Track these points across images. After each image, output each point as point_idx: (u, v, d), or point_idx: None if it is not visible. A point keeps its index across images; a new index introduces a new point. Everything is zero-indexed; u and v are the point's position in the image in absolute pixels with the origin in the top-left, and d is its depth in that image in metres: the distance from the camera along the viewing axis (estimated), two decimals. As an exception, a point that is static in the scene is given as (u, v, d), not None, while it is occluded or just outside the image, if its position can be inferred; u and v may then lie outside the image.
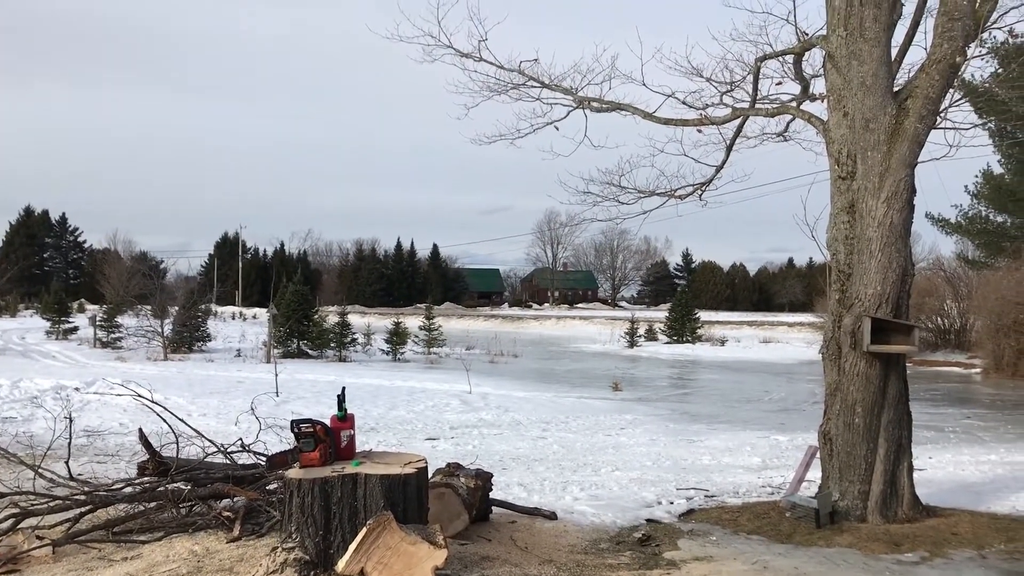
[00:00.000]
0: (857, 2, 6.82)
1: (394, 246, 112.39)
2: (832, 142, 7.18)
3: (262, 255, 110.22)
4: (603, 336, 49.16)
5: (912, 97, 6.75)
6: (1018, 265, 29.03)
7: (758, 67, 8.24)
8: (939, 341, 35.19)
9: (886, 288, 6.78)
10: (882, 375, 6.94)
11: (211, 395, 16.75)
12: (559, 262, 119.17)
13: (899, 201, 6.72)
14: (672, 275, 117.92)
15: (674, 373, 29.77)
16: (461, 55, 8.74)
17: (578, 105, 8.64)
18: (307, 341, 32.86)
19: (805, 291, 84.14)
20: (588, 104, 8.59)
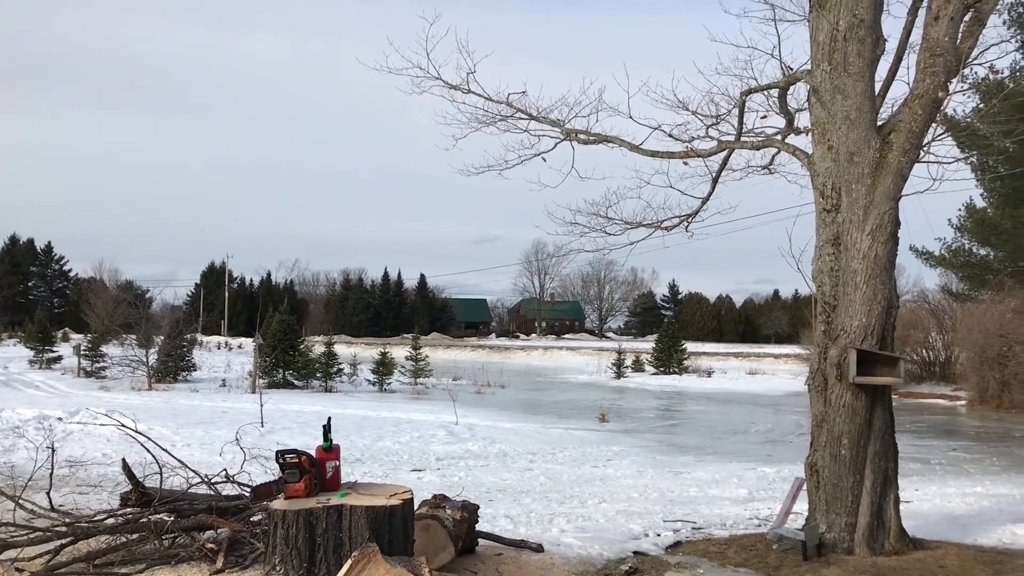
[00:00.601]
0: (841, 37, 6.92)
1: (381, 276, 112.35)
2: (817, 175, 7.25)
3: (248, 285, 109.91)
4: (590, 367, 49.14)
5: (896, 131, 6.83)
6: (1001, 298, 29.24)
7: (743, 101, 8.33)
8: (924, 373, 35.32)
9: (871, 320, 6.82)
10: (868, 407, 6.95)
11: (196, 425, 16.61)
12: (546, 292, 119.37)
13: (883, 234, 6.78)
14: (659, 306, 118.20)
15: (661, 404, 29.75)
16: (450, 87, 8.80)
17: (565, 137, 8.70)
18: (293, 371, 32.69)
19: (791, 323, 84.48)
20: (575, 136, 8.65)
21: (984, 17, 7.09)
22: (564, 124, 8.67)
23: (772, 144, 8.22)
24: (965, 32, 6.94)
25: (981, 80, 22.08)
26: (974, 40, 7.03)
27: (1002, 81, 21.06)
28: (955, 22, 6.68)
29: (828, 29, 7.05)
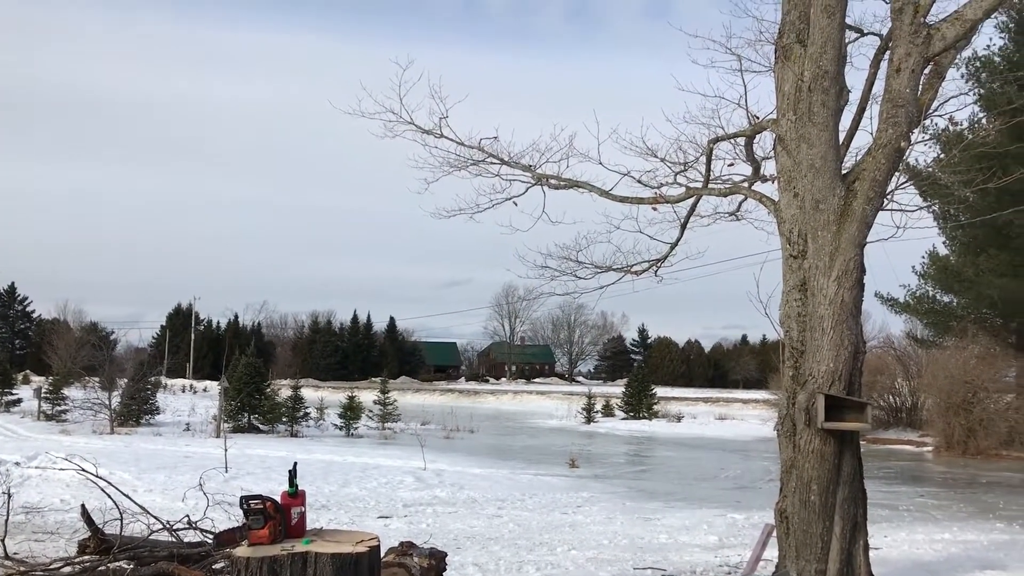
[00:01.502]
0: (806, 88, 7.05)
1: (350, 319, 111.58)
2: (783, 222, 7.34)
3: (215, 327, 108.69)
4: (560, 411, 48.97)
5: (860, 179, 6.95)
6: (965, 345, 29.62)
7: (711, 148, 8.46)
8: (891, 419, 35.59)
9: (839, 365, 6.87)
10: (837, 452, 6.97)
11: (158, 470, 16.31)
12: (517, 336, 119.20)
13: (849, 280, 6.86)
14: (629, 350, 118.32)
15: (631, 450, 29.68)
16: (422, 131, 8.86)
17: (536, 182, 8.77)
18: (258, 415, 32.24)
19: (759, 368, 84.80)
20: (546, 181, 8.72)
21: (943, 70, 7.28)
22: (535, 169, 8.74)
23: (739, 191, 8.34)
24: (925, 85, 7.11)
25: (941, 131, 22.55)
26: (934, 92, 7.21)
27: (961, 132, 21.53)
28: (916, 75, 6.84)
29: (793, 80, 7.20)
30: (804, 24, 7.17)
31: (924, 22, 6.89)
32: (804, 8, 7.18)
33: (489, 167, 8.86)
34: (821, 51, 6.96)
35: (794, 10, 7.28)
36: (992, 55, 28.62)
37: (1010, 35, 28.57)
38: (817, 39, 6.99)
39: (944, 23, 6.90)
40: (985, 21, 7.08)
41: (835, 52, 6.98)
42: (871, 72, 7.89)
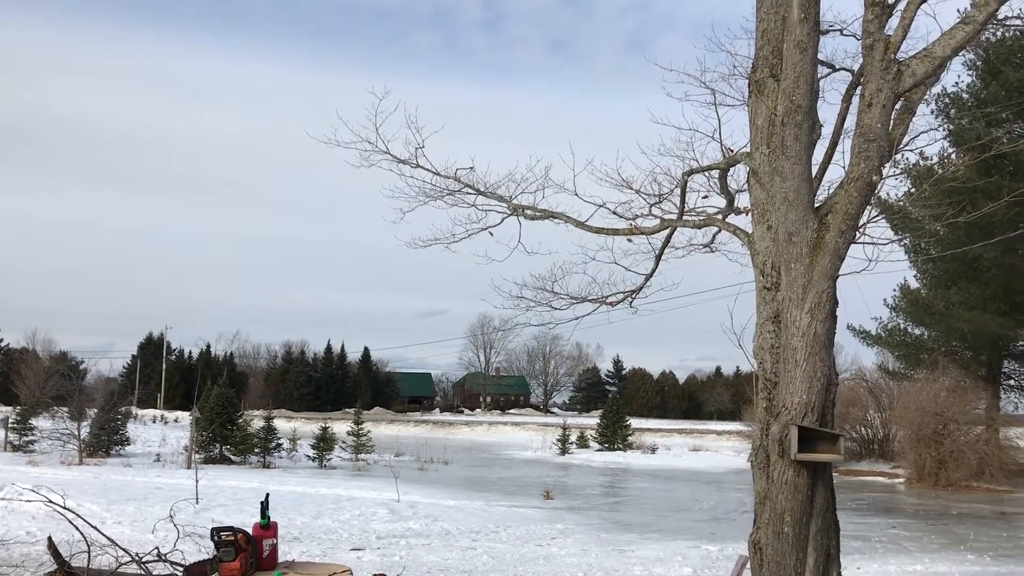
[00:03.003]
0: (779, 122, 7.15)
1: (324, 349, 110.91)
2: (757, 254, 7.40)
3: (187, 357, 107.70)
4: (535, 443, 48.81)
5: (832, 213, 7.03)
6: (936, 377, 29.90)
7: (685, 181, 8.53)
8: (863, 451, 35.76)
9: (811, 397, 6.90)
10: (810, 484, 6.99)
11: (127, 501, 16.05)
12: (492, 366, 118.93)
13: (822, 312, 6.91)
14: (604, 381, 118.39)
15: (606, 481, 29.60)
16: (398, 161, 8.87)
17: (512, 212, 8.79)
18: (230, 446, 31.87)
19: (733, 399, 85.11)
20: (522, 211, 8.75)
21: (914, 106, 7.40)
22: (511, 199, 8.77)
23: (713, 223, 8.40)
24: (896, 119, 7.23)
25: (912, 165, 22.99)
26: (905, 127, 7.33)
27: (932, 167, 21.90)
28: (887, 109, 6.95)
29: (767, 114, 7.29)
30: (777, 59, 7.28)
31: (894, 58, 7.02)
32: (777, 44, 7.29)
33: (465, 197, 8.88)
34: (794, 86, 7.06)
35: (767, 45, 7.40)
36: (961, 92, 29.20)
37: (978, 72, 29.17)
38: (790, 74, 7.09)
39: (914, 60, 7.03)
40: (954, 59, 7.22)
41: (808, 87, 7.09)
42: (843, 107, 8.02)
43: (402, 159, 8.84)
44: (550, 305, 9.02)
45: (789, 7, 7.13)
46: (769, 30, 7.39)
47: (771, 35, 7.37)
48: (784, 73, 7.15)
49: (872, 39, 7.10)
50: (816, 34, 7.23)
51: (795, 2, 7.07)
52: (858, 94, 7.42)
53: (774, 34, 7.34)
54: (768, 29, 7.40)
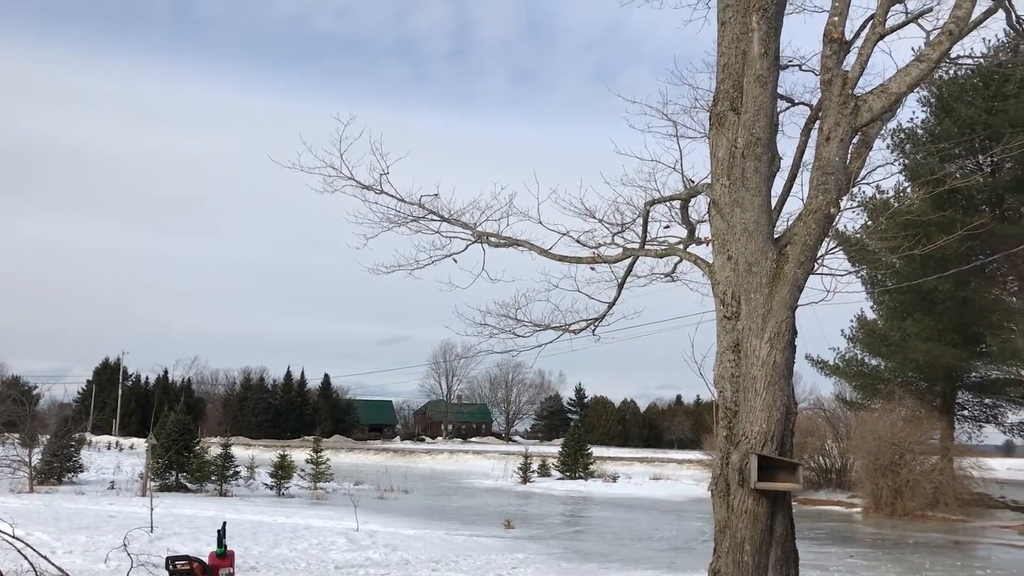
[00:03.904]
0: (739, 154, 7.26)
1: (283, 375, 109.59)
2: (717, 283, 7.49)
3: (144, 382, 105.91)
4: (496, 471, 48.57)
5: (791, 244, 7.13)
6: (892, 407, 30.29)
7: (647, 210, 8.63)
8: (821, 480, 36.04)
9: (771, 426, 6.96)
10: (769, 513, 7.03)
11: (79, 530, 15.69)
12: (454, 394, 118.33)
13: (781, 341, 7.00)
14: (566, 409, 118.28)
15: (567, 510, 29.52)
16: (362, 187, 8.86)
17: (477, 239, 8.82)
18: (187, 473, 31.34)
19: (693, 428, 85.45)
20: (486, 239, 8.78)
21: (870, 140, 7.57)
22: (475, 227, 8.80)
23: (675, 253, 8.49)
24: (854, 154, 7.39)
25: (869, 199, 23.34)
26: (862, 161, 7.49)
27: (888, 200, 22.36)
28: (844, 143, 7.10)
29: (727, 146, 7.41)
30: (738, 93, 7.41)
31: (852, 94, 7.18)
32: (738, 78, 7.43)
33: (429, 224, 8.89)
34: (754, 119, 7.18)
35: (728, 79, 7.53)
36: (915, 128, 29.88)
37: (931, 109, 29.89)
38: (750, 107, 7.22)
39: (871, 95, 7.20)
40: (909, 95, 7.40)
41: (767, 120, 7.22)
42: (802, 140, 8.17)
43: (366, 185, 8.84)
44: (513, 332, 9.04)
45: (750, 42, 7.28)
46: (730, 64, 7.53)
47: (732, 69, 7.51)
48: (744, 106, 7.28)
49: (830, 75, 7.26)
50: (776, 69, 7.38)
51: (755, 37, 7.22)
52: (816, 128, 7.58)
53: (735, 68, 7.48)
54: (729, 63, 7.54)
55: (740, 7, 7.46)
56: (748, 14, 7.33)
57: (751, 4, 7.30)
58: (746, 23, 7.36)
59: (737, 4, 7.50)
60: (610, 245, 8.90)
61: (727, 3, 7.60)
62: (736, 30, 7.48)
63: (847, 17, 7.43)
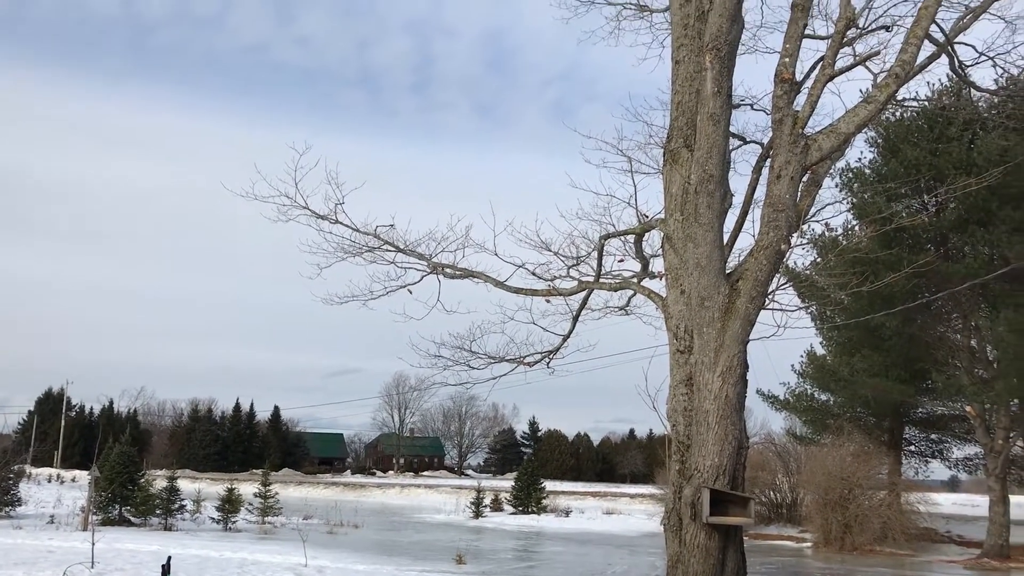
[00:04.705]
0: (692, 191, 7.37)
1: (232, 407, 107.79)
2: (671, 317, 7.55)
3: (88, 413, 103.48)
4: (448, 506, 48.09)
5: (743, 279, 7.23)
6: (841, 442, 30.62)
7: (602, 244, 8.71)
8: (772, 515, 36.21)
9: (723, 460, 7.01)
10: (721, 547, 7.05)
11: (16, 566, 15.18)
12: (406, 427, 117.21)
13: (733, 376, 7.06)
14: (519, 443, 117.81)
15: (519, 545, 29.29)
16: (317, 216, 8.83)
17: (432, 271, 8.81)
18: (131, 507, 30.54)
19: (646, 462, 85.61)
20: (442, 270, 8.78)
21: (820, 178, 7.74)
22: (431, 258, 8.80)
23: (629, 286, 8.57)
24: (803, 191, 7.54)
25: (818, 236, 23.83)
26: (812, 199, 7.65)
27: (836, 238, 22.80)
28: (795, 181, 7.25)
29: (680, 182, 7.52)
30: (691, 130, 7.54)
31: (802, 133, 7.34)
32: (691, 115, 7.56)
33: (384, 254, 8.88)
34: (707, 156, 7.31)
35: (682, 116, 7.66)
36: (863, 167, 30.50)
37: (878, 149, 30.56)
38: (703, 145, 7.34)
39: (820, 135, 7.36)
40: (857, 135, 7.59)
41: (720, 158, 7.35)
42: (753, 178, 8.33)
43: (321, 215, 8.81)
44: (468, 364, 9.03)
45: (703, 81, 7.41)
46: (684, 102, 7.66)
47: (686, 107, 7.64)
48: (698, 144, 7.40)
49: (781, 114, 7.42)
50: (728, 107, 7.52)
51: (709, 76, 7.35)
52: (767, 166, 7.73)
53: (688, 106, 7.62)
54: (683, 101, 7.67)
55: (694, 47, 7.62)
56: (702, 53, 7.48)
57: (704, 44, 7.45)
58: (700, 62, 7.51)
59: (691, 44, 7.65)
60: (565, 278, 8.96)
61: (681, 43, 7.76)
62: (690, 69, 7.63)
63: (798, 58, 7.62)
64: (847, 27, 7.91)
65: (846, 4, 7.86)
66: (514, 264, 8.87)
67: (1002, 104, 13.81)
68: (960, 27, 8.34)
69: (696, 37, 7.64)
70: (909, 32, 7.51)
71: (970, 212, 26.54)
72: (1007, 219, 25.24)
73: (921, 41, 7.50)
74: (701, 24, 7.62)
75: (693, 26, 7.68)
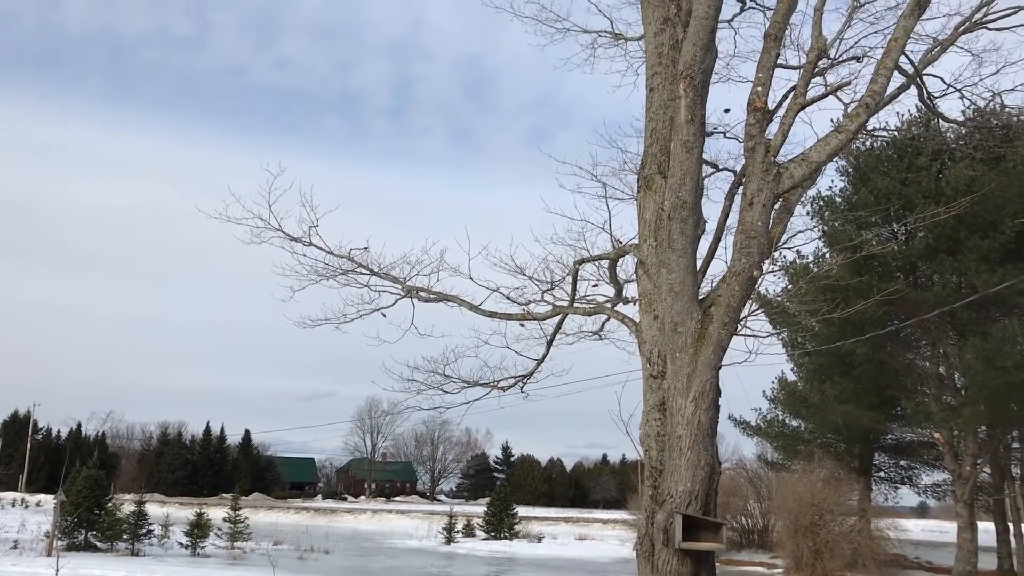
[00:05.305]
0: (666, 217, 7.42)
1: (203, 430, 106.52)
2: (644, 342, 7.58)
3: (55, 436, 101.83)
4: (420, 531, 47.74)
5: (716, 305, 7.28)
6: (812, 468, 30.78)
7: (576, 269, 8.74)
8: (744, 541, 36.26)
9: (695, 485, 7.01)
10: (693, 573, 7.04)
11: (-24, 592, 14.90)
12: (378, 452, 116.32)
13: (705, 401, 7.09)
14: (492, 468, 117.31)
15: (491, 571, 29.10)
16: (291, 239, 8.79)
17: (406, 294, 8.79)
18: (97, 532, 30.05)
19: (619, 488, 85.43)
20: (416, 294, 8.76)
21: (792, 206, 7.83)
22: (405, 281, 8.78)
23: (603, 311, 8.60)
24: (775, 219, 7.62)
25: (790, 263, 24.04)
26: (783, 226, 7.73)
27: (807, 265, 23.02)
28: (767, 209, 7.32)
29: (654, 208, 7.58)
30: (665, 157, 7.61)
31: (774, 161, 7.43)
32: (665, 142, 7.63)
33: (358, 277, 8.85)
34: (680, 183, 7.37)
35: (656, 143, 7.73)
36: (834, 195, 30.89)
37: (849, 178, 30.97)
38: (677, 171, 7.41)
39: (792, 163, 7.46)
40: (828, 163, 7.70)
41: (693, 184, 7.41)
42: (726, 205, 8.41)
43: (295, 237, 8.78)
44: (441, 389, 8.99)
45: (677, 108, 7.49)
46: (658, 129, 7.74)
47: (659, 134, 7.72)
48: (671, 170, 7.47)
49: (754, 142, 7.50)
50: (702, 135, 7.61)
51: (683, 104, 7.44)
52: (740, 193, 7.81)
53: (662, 133, 7.69)
54: (657, 128, 7.75)
55: (668, 75, 7.71)
56: (676, 81, 7.57)
57: (678, 72, 7.54)
58: (673, 90, 7.59)
59: (665, 72, 7.74)
60: (540, 302, 8.97)
61: (655, 71, 7.85)
62: (664, 96, 7.72)
63: (770, 88, 7.72)
64: (818, 57, 8.04)
65: (817, 35, 8.00)
66: (489, 288, 8.87)
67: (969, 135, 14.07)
68: (929, 59, 8.50)
69: (670, 65, 7.73)
70: (879, 63, 7.65)
71: (939, 241, 26.93)
72: (975, 248, 25.64)
73: (891, 72, 7.63)
74: (675, 53, 7.71)
75: (667, 54, 7.78)
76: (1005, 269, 24.15)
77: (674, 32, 7.78)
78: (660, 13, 7.93)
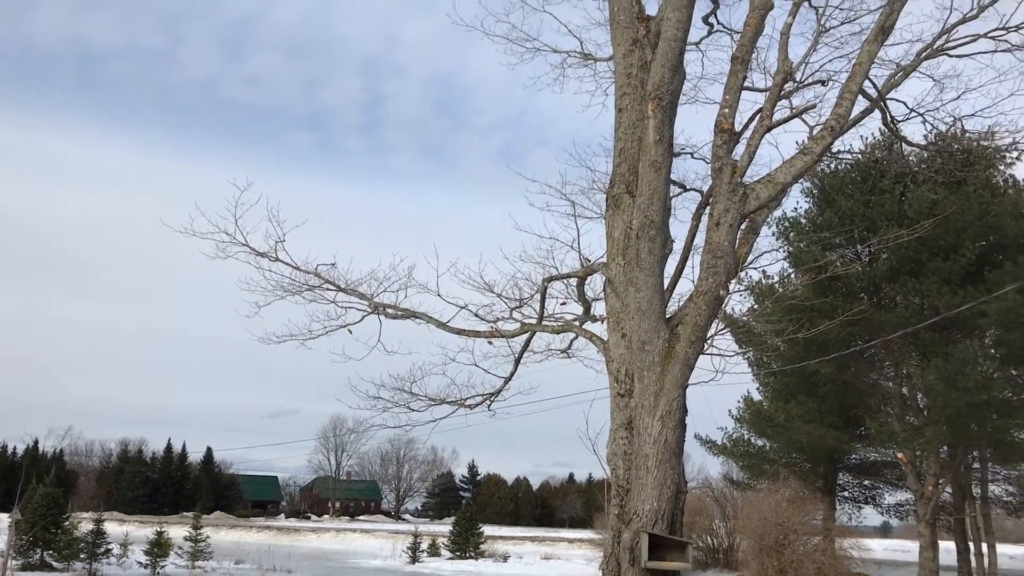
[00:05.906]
0: (634, 235, 7.46)
1: (164, 448, 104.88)
2: (611, 360, 7.59)
3: (11, 453, 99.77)
4: (384, 550, 47.26)
5: (683, 323, 7.32)
6: (777, 488, 30.91)
7: (545, 287, 8.74)
8: (709, 560, 36.26)
9: (662, 504, 7.01)
10: (659, 592, 7.03)
11: (-73, 614, 14.50)
12: (343, 470, 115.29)
13: (672, 419, 7.11)
14: (458, 487, 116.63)
15: (456, 590, 28.87)
16: (256, 254, 8.72)
17: (373, 311, 8.74)
18: (53, 551, 29.41)
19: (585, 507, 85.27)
20: (383, 310, 8.71)
21: (758, 227, 7.90)
22: (372, 298, 8.73)
23: (571, 329, 8.60)
24: (742, 239, 7.68)
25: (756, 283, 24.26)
26: (749, 246, 7.80)
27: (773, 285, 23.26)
28: (733, 229, 7.38)
29: (623, 227, 7.61)
30: (633, 177, 7.66)
31: (741, 182, 7.50)
32: (633, 162, 7.68)
33: (325, 293, 8.79)
34: (648, 202, 7.41)
35: (624, 163, 7.78)
36: (799, 217, 31.24)
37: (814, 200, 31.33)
38: (645, 191, 7.45)
39: (759, 184, 7.54)
40: (793, 185, 7.79)
41: (661, 204, 7.46)
42: (693, 225, 8.47)
43: (261, 252, 8.70)
44: (408, 406, 8.93)
45: (645, 129, 7.55)
46: (626, 149, 7.79)
47: (628, 154, 7.77)
48: (639, 190, 7.51)
49: (721, 163, 7.58)
50: (670, 155, 7.67)
51: (651, 124, 7.49)
52: (707, 213, 7.87)
53: (631, 153, 7.74)
54: (625, 148, 7.80)
55: (636, 96, 7.77)
56: (644, 102, 7.63)
57: (647, 93, 7.60)
58: (642, 111, 7.65)
59: (634, 93, 7.80)
60: (508, 320, 8.96)
61: (624, 91, 7.90)
62: (632, 117, 7.77)
63: (737, 109, 7.81)
64: (785, 80, 8.14)
65: (784, 58, 8.11)
66: (457, 305, 8.85)
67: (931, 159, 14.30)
68: (892, 84, 8.65)
69: (639, 86, 7.79)
70: (844, 87, 7.76)
71: (901, 263, 27.30)
72: (937, 270, 26.02)
73: (855, 96, 7.75)
74: (644, 74, 7.77)
75: (636, 75, 7.84)
76: (966, 291, 24.53)
77: (643, 53, 7.85)
78: (629, 35, 7.99)
